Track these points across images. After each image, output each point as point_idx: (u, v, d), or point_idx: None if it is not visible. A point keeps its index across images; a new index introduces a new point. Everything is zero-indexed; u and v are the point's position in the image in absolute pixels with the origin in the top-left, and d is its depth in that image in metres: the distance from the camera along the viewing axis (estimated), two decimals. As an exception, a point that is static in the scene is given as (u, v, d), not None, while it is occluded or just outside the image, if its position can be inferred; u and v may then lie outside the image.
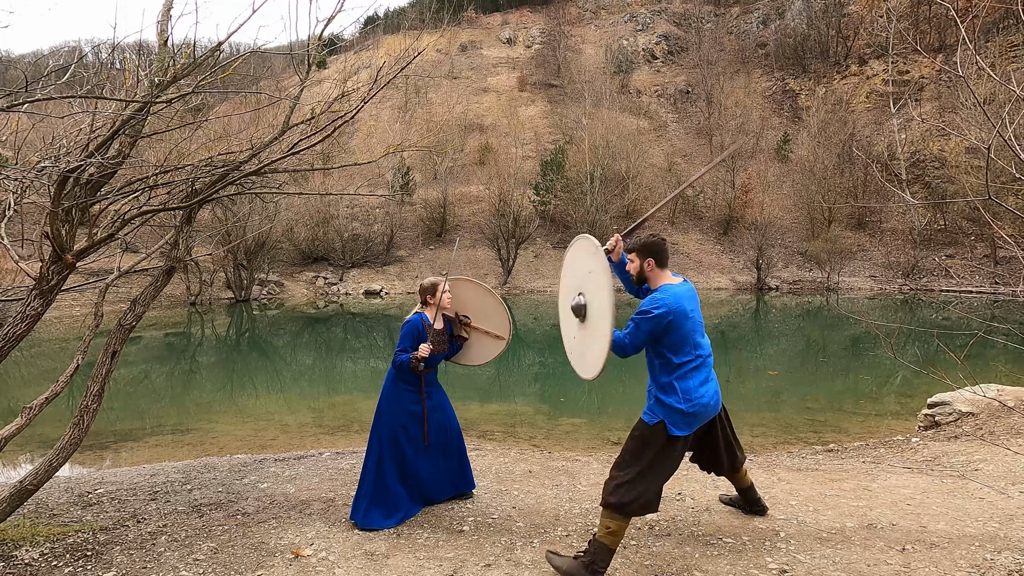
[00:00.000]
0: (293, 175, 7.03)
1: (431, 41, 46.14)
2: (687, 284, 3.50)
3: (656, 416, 3.33)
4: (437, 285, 4.22)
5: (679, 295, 3.33)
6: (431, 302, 4.24)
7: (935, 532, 3.73)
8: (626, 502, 3.21)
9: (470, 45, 57.74)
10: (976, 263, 31.84)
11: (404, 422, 4.09)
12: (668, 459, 3.33)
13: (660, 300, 3.30)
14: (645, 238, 3.57)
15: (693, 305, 3.41)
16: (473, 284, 4.54)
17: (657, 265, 3.49)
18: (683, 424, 3.31)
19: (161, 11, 3.82)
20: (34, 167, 3.30)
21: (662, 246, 3.53)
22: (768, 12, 56.00)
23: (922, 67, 43.07)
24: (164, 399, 11.31)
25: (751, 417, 9.01)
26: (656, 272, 3.49)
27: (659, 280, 3.48)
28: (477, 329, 4.46)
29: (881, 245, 35.55)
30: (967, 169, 31.53)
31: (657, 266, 3.49)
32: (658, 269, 3.49)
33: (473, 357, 4.52)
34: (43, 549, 3.59)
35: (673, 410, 3.29)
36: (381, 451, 4.06)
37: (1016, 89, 2.62)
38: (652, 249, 3.50)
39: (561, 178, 36.81)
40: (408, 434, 4.10)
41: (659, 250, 3.51)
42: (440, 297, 4.18)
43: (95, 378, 3.71)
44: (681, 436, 3.32)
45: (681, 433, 3.31)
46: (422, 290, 4.28)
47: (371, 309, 26.92)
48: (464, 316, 4.43)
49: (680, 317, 3.29)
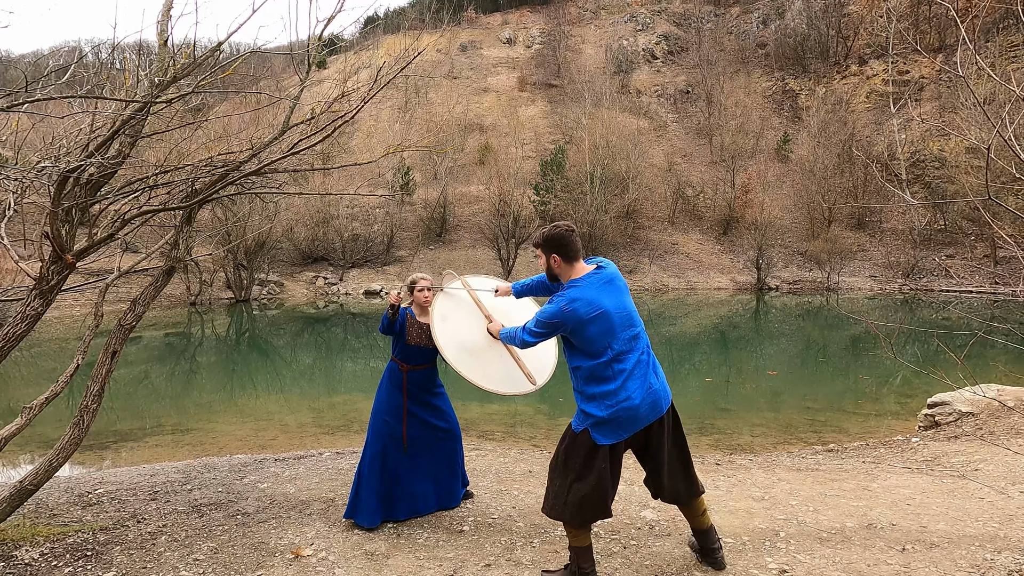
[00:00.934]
0: (293, 175, 7.03)
1: (431, 41, 46.14)
2: (602, 273, 3.07)
3: (580, 424, 3.04)
4: (416, 282, 4.17)
5: (580, 296, 2.96)
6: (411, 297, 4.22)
7: (935, 532, 3.73)
8: (564, 516, 3.02)
9: (470, 45, 57.75)
10: (976, 263, 31.84)
11: (387, 419, 4.07)
12: (599, 469, 2.99)
13: (555, 307, 3.00)
14: (548, 230, 3.15)
15: (611, 297, 3.01)
16: None
17: (564, 260, 3.10)
18: (608, 432, 2.97)
19: (161, 11, 3.82)
20: (34, 167, 3.30)
21: (566, 238, 3.08)
22: (768, 12, 56.02)
23: (922, 67, 43.08)
24: (164, 399, 11.31)
25: (751, 417, 9.01)
26: (564, 267, 3.11)
27: (567, 275, 3.10)
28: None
29: (881, 245, 35.56)
30: (967, 169, 31.55)
31: (564, 261, 3.10)
32: (566, 264, 3.10)
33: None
34: (43, 549, 3.59)
35: (591, 416, 2.98)
36: (369, 449, 4.07)
37: (1016, 89, 2.62)
38: (555, 243, 3.10)
39: (561, 178, 36.82)
40: (390, 431, 4.06)
41: (563, 243, 3.08)
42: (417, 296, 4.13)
43: (95, 378, 3.71)
44: (607, 445, 2.98)
45: (606, 441, 2.98)
46: (409, 284, 4.24)
47: (371, 309, 26.92)
48: None
49: (580, 321, 2.94)
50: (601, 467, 2.99)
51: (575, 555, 3.13)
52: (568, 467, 3.05)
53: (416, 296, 4.16)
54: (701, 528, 3.26)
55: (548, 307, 3.08)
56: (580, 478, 3.01)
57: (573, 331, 2.99)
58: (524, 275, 33.89)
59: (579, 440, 3.03)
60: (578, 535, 3.09)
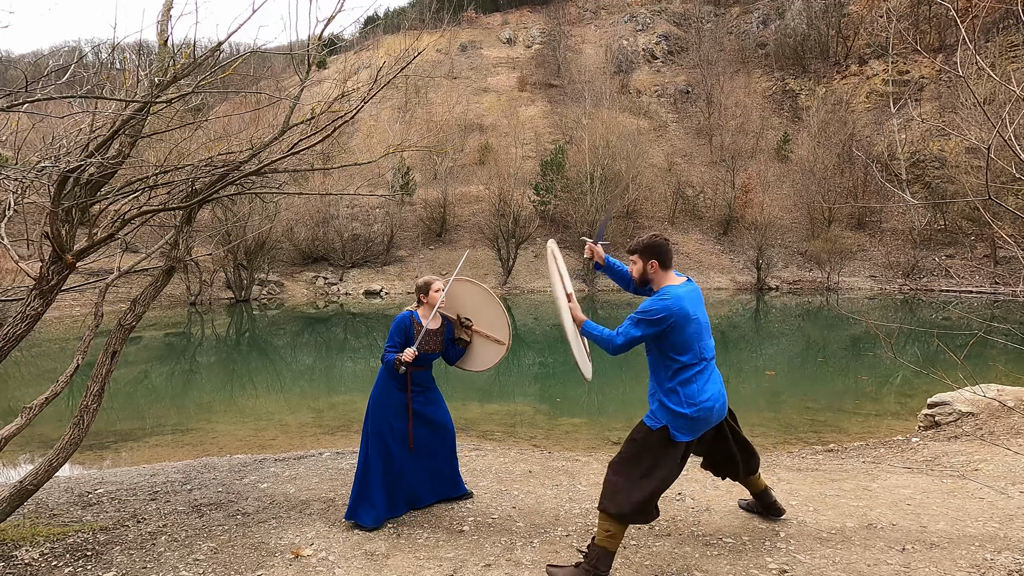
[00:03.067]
0: (293, 175, 7.03)
1: (431, 41, 46.18)
2: (691, 284, 3.40)
3: (659, 420, 3.21)
4: (431, 284, 4.19)
5: (681, 297, 3.22)
6: (424, 301, 4.22)
7: (935, 532, 3.73)
8: (625, 511, 3.12)
9: (470, 45, 57.75)
10: (976, 263, 31.84)
11: (391, 419, 4.07)
12: (669, 465, 3.20)
13: (661, 302, 3.20)
14: (647, 239, 3.42)
15: (697, 307, 3.30)
16: (474, 286, 4.43)
17: (661, 267, 3.37)
18: (687, 429, 3.19)
19: (161, 11, 3.82)
20: (34, 167, 3.30)
21: (665, 247, 3.39)
22: (768, 12, 56.03)
23: (922, 67, 43.08)
24: (164, 399, 11.31)
25: (751, 417, 9.00)
26: (660, 274, 3.38)
27: (663, 282, 3.36)
28: (478, 333, 4.36)
29: (881, 245, 35.57)
30: (967, 169, 31.55)
31: (661, 268, 3.37)
32: (662, 271, 3.38)
33: (474, 363, 4.40)
34: (43, 549, 3.59)
35: (676, 415, 3.17)
36: (368, 447, 4.07)
37: (1016, 89, 2.62)
38: (655, 250, 3.38)
39: (561, 178, 36.82)
40: (394, 432, 4.07)
41: (662, 251, 3.38)
42: (432, 297, 4.16)
43: (95, 378, 3.71)
44: (684, 442, 3.20)
45: (684, 439, 3.19)
46: (417, 288, 4.27)
47: (371, 309, 26.92)
48: (466, 319, 4.35)
49: (682, 319, 3.17)
50: (673, 464, 3.21)
51: (597, 556, 3.15)
52: (638, 462, 3.20)
53: (432, 296, 4.16)
54: (759, 489, 3.85)
55: (653, 304, 3.22)
56: (648, 474, 3.17)
57: (675, 327, 3.18)
58: (524, 275, 33.88)
59: (656, 436, 3.20)
60: (615, 535, 3.17)
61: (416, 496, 4.16)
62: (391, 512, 4.03)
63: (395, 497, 4.06)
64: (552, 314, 25.90)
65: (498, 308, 4.40)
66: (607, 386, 11.41)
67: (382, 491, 3.99)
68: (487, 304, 4.41)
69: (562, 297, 3.59)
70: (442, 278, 4.32)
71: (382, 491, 3.99)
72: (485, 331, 4.35)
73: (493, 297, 4.44)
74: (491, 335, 4.34)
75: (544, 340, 18.22)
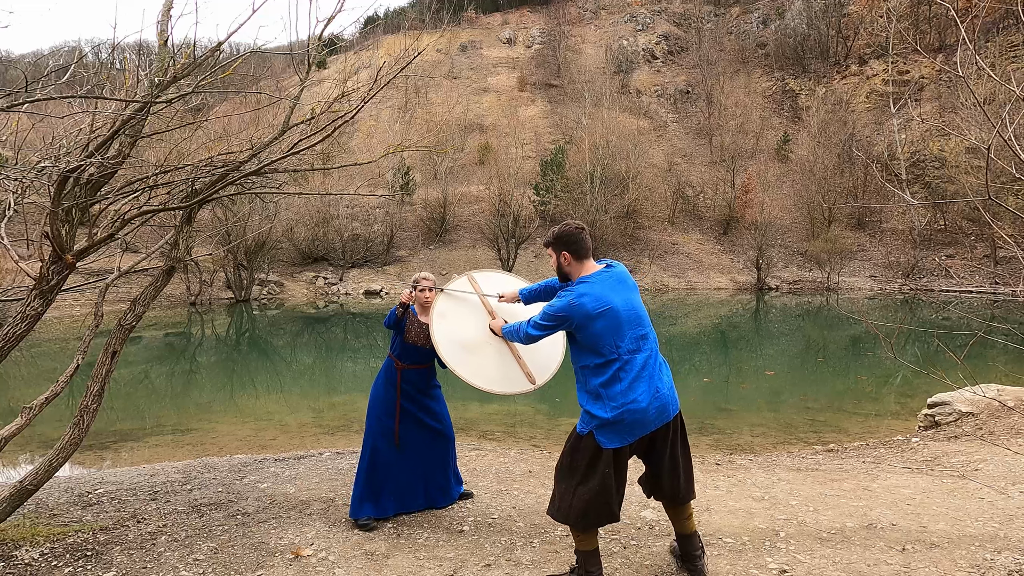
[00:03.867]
0: (293, 175, 7.03)
1: (431, 41, 46.16)
2: (611, 271, 3.06)
3: (586, 426, 2.96)
4: (418, 281, 4.18)
5: (586, 293, 2.93)
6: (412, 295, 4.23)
7: (935, 532, 3.73)
8: (569, 519, 2.97)
9: (470, 45, 57.76)
10: (976, 263, 31.85)
11: (382, 416, 4.10)
12: (602, 473, 2.91)
13: (561, 300, 2.97)
14: (558, 229, 3.15)
15: (620, 295, 2.97)
16: None
17: (575, 258, 3.08)
18: (613, 435, 2.89)
19: (161, 11, 3.82)
20: (34, 167, 3.30)
21: (575, 236, 3.08)
22: (768, 12, 56.06)
23: (922, 67, 43.10)
24: (164, 399, 11.31)
25: (751, 417, 9.01)
26: (575, 265, 3.09)
27: (579, 272, 3.07)
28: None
29: (881, 245, 35.58)
30: (967, 169, 31.57)
31: (575, 259, 3.08)
32: (576, 262, 3.08)
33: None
34: (43, 549, 3.59)
35: (599, 419, 2.89)
36: (365, 445, 4.12)
37: (1016, 89, 2.62)
38: (565, 240, 3.09)
39: (561, 178, 36.85)
40: (383, 428, 4.10)
41: (572, 240, 3.07)
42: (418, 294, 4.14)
43: (95, 378, 3.71)
44: (611, 449, 2.90)
45: (611, 445, 2.89)
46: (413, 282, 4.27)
47: (371, 309, 26.92)
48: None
49: (583, 318, 2.89)
50: (605, 471, 2.91)
51: (582, 559, 3.07)
52: (573, 470, 2.98)
53: (418, 295, 4.17)
54: (686, 532, 3.19)
55: (555, 301, 3.03)
56: (584, 481, 2.94)
57: (579, 326, 2.93)
58: (524, 275, 33.82)
59: (584, 443, 2.96)
60: (584, 539, 3.04)
61: (404, 499, 4.11)
62: (378, 512, 4.01)
63: (381, 493, 4.04)
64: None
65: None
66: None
67: (366, 483, 4.01)
68: None
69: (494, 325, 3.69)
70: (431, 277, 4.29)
71: (366, 483, 4.01)
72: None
73: None
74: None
75: (544, 340, 18.18)
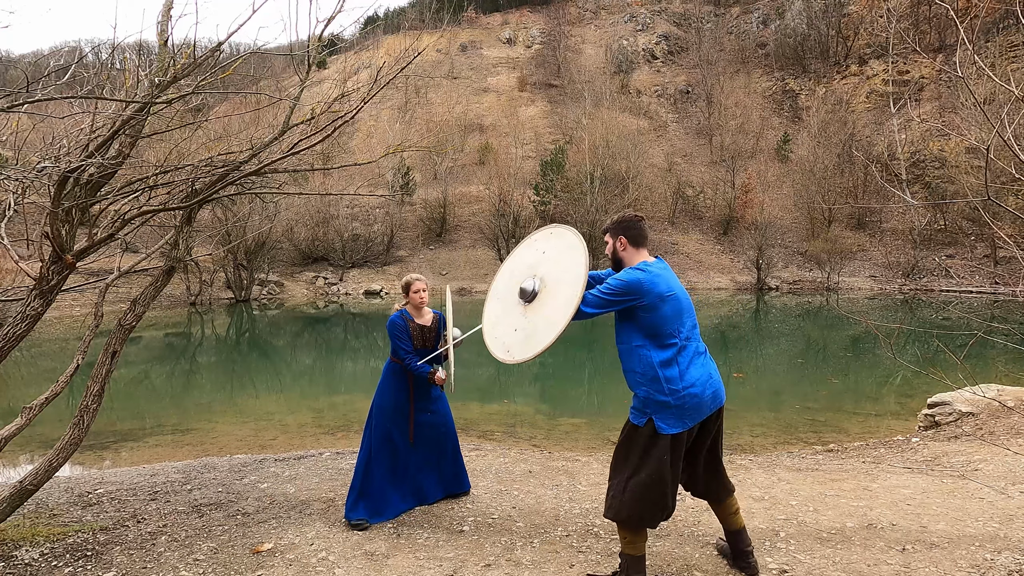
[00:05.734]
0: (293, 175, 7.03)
1: (431, 41, 46.16)
2: (663, 262, 3.17)
3: (643, 414, 2.95)
4: (411, 284, 4.20)
5: (654, 271, 2.99)
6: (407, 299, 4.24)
7: (935, 532, 3.73)
8: (622, 516, 2.92)
9: (470, 45, 57.75)
10: (976, 263, 31.85)
11: (396, 418, 4.14)
12: (659, 460, 2.89)
13: (636, 273, 2.97)
14: (619, 216, 3.22)
15: (673, 283, 3.04)
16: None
17: (631, 244, 3.13)
18: (673, 419, 2.89)
19: (161, 11, 3.82)
20: (34, 167, 3.31)
21: (637, 224, 3.14)
22: (768, 12, 56.06)
23: (922, 67, 43.10)
24: (164, 399, 11.31)
25: (751, 417, 9.01)
26: (631, 251, 3.13)
27: (635, 260, 3.12)
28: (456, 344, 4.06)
29: (881, 245, 35.58)
30: (967, 169, 31.58)
31: (631, 244, 3.13)
32: (632, 248, 3.13)
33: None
34: (43, 549, 3.59)
35: (659, 404, 2.90)
36: (371, 447, 4.12)
37: (1016, 89, 2.62)
38: (624, 227, 3.14)
39: (561, 178, 36.84)
40: (400, 430, 4.14)
41: (633, 227, 3.13)
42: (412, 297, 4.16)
43: (95, 378, 3.71)
44: (671, 434, 2.90)
45: (671, 431, 2.89)
46: (404, 286, 4.27)
47: (371, 309, 26.92)
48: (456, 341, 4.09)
49: (663, 292, 2.93)
50: (663, 459, 2.89)
51: (627, 563, 3.00)
52: (627, 462, 2.96)
53: (412, 297, 4.18)
54: (734, 528, 3.21)
55: (624, 275, 2.97)
56: (637, 472, 2.91)
57: (648, 306, 2.92)
58: (524, 275, 33.88)
59: (640, 432, 2.95)
60: (634, 541, 2.97)
61: (423, 491, 4.22)
62: (403, 505, 4.11)
63: (403, 491, 4.13)
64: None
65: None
66: (607, 386, 11.42)
67: (389, 487, 4.05)
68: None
69: None
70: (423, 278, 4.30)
71: (389, 487, 4.05)
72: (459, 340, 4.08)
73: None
74: None
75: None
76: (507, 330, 3.33)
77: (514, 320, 3.32)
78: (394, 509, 4.08)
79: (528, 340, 3.18)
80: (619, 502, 2.93)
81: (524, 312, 3.27)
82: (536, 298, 3.23)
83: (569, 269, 3.15)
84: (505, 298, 3.44)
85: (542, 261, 3.32)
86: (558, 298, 3.13)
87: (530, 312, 3.24)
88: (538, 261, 3.35)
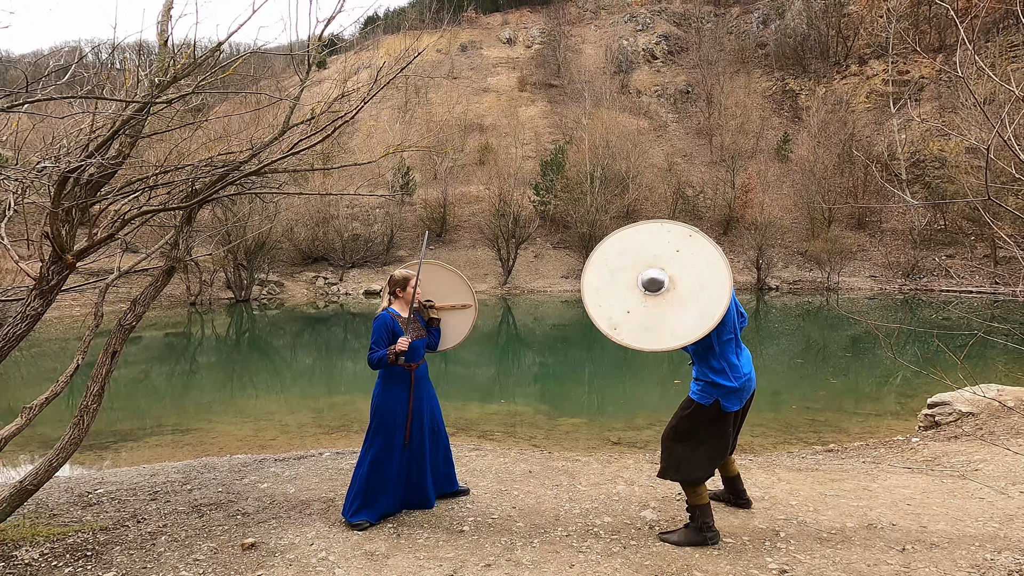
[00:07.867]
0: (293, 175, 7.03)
1: (431, 41, 46.11)
2: None
3: (710, 396, 3.57)
4: (408, 279, 4.16)
5: None
6: (400, 296, 4.19)
7: (935, 532, 3.73)
8: (689, 477, 3.58)
9: (470, 45, 57.73)
10: (976, 263, 31.84)
11: (393, 419, 4.11)
12: (724, 434, 3.64)
13: None
14: None
15: None
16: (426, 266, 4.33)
17: None
18: (734, 399, 3.61)
19: (161, 11, 3.82)
20: (34, 167, 3.31)
21: None
22: (768, 12, 56.03)
23: (922, 67, 43.09)
24: (164, 399, 11.31)
25: (751, 417, 8.98)
26: None
27: None
28: (443, 308, 4.45)
29: (881, 245, 35.57)
30: (967, 169, 31.55)
31: None
32: None
33: (451, 337, 4.47)
34: (43, 549, 3.59)
35: (726, 389, 3.56)
36: (372, 449, 4.08)
37: (1016, 89, 2.62)
38: None
39: (561, 178, 36.81)
40: (398, 431, 4.11)
41: None
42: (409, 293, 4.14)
43: (95, 378, 3.71)
44: (733, 411, 3.62)
45: (734, 408, 3.61)
46: (393, 283, 4.21)
47: (371, 309, 26.90)
48: (427, 300, 4.38)
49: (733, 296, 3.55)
50: (727, 430, 3.66)
51: (699, 512, 3.60)
52: (695, 435, 3.62)
53: (408, 293, 4.14)
54: (731, 474, 4.10)
55: None
56: (704, 442, 3.61)
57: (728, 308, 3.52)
58: (524, 275, 33.88)
59: (708, 411, 3.58)
60: (698, 493, 3.60)
61: (420, 492, 4.18)
62: (402, 506, 4.12)
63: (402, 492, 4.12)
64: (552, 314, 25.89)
65: (452, 275, 4.48)
66: (607, 386, 11.42)
67: (388, 488, 4.04)
68: (441, 276, 4.47)
69: None
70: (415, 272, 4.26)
71: (388, 488, 4.04)
72: (449, 303, 4.46)
73: (444, 267, 4.51)
74: (456, 304, 4.45)
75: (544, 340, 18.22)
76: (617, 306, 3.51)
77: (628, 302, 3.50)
78: (393, 510, 4.07)
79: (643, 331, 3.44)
80: (688, 466, 3.60)
81: (643, 299, 3.46)
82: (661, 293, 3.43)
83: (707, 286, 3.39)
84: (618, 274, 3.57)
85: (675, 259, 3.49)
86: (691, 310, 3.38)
87: (651, 304, 3.45)
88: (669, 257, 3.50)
